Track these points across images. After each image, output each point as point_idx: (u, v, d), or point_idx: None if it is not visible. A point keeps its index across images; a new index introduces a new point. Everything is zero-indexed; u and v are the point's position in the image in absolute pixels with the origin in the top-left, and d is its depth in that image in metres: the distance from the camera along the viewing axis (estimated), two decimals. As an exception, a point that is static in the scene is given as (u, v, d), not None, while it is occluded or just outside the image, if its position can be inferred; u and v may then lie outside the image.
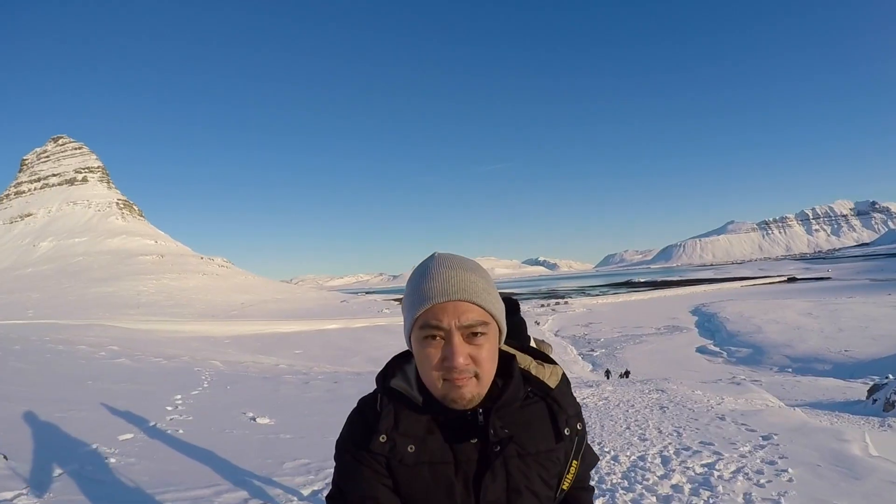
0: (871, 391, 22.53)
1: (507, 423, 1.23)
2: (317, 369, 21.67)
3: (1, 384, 9.32)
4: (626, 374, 31.96)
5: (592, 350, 54.10)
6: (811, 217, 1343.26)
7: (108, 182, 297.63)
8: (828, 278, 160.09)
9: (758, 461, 6.54)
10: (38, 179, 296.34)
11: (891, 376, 26.97)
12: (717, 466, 6.36)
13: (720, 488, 5.53)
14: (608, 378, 28.67)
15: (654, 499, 5.36)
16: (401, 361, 1.32)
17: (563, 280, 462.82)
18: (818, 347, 46.21)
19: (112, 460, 5.73)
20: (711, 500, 5.26)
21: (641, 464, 6.64)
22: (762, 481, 5.71)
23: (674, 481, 5.86)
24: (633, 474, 6.18)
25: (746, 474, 5.99)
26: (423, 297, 1.17)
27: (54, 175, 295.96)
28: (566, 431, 1.30)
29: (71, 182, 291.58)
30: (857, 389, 26.86)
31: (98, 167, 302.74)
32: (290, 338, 50.64)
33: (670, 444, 7.71)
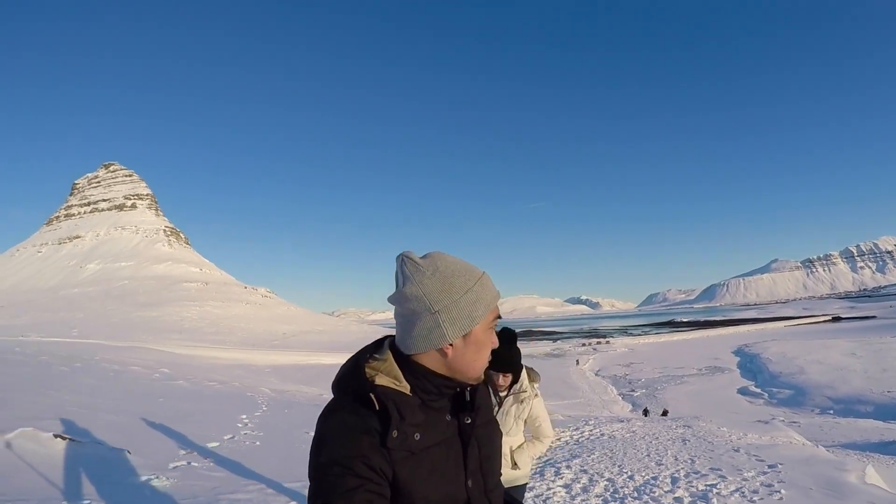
0: None
1: (477, 399, 1.52)
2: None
3: (88, 397, 10.65)
4: (665, 413, 32.21)
5: (633, 390, 53.69)
6: (856, 254, 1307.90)
7: (157, 209, 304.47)
8: (873, 317, 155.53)
9: (757, 484, 7.43)
10: (88, 203, 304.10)
11: None
12: (718, 486, 7.28)
13: (715, 501, 6.50)
14: (646, 416, 29.07)
15: (658, 508, 6.37)
16: (361, 362, 1.42)
17: (605, 319, 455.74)
18: (861, 388, 45.16)
19: (209, 460, 7.10)
20: None
21: (653, 482, 7.62)
22: (755, 499, 6.62)
23: (677, 495, 6.85)
24: (643, 489, 7.20)
25: (743, 493, 6.91)
26: (496, 292, 1.46)
27: (104, 200, 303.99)
28: (499, 396, 1.65)
29: (120, 208, 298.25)
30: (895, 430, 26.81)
31: (147, 194, 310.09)
32: (331, 370, 50.45)
33: (682, 468, 8.62)
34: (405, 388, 1.36)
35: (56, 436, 6.21)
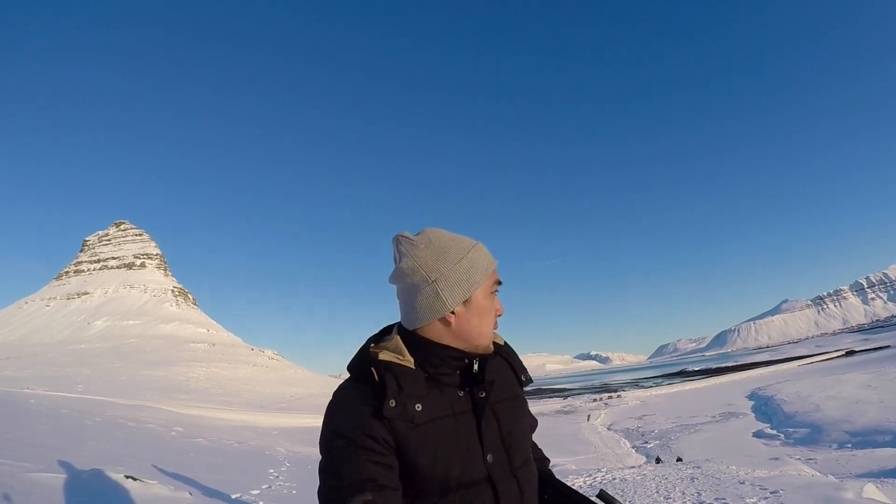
0: None
1: (490, 373, 1.48)
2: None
3: (123, 447, 11.38)
4: (679, 460, 32.21)
5: (646, 442, 53.13)
6: (865, 286, 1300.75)
7: (166, 269, 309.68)
8: (887, 346, 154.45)
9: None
10: (98, 261, 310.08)
11: None
12: None
13: None
14: (657, 463, 29.31)
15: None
16: (375, 343, 1.48)
17: (615, 373, 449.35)
18: (878, 419, 44.46)
19: (261, 502, 7.96)
20: None
21: None
22: None
23: None
24: None
25: None
26: (491, 259, 1.50)
27: (114, 258, 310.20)
28: (523, 378, 1.60)
29: (129, 266, 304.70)
30: (912, 457, 26.84)
31: (157, 254, 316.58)
32: None
33: (689, 500, 9.31)
34: (408, 361, 1.41)
35: (127, 476, 6.91)
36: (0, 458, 6.48)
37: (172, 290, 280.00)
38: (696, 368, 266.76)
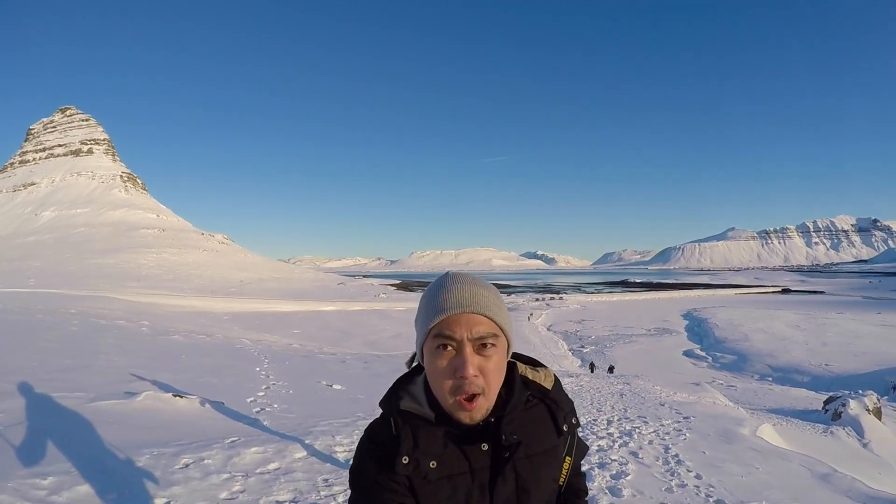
0: (826, 402, 24.12)
1: (515, 428, 1.34)
2: (327, 349, 24.30)
3: (131, 358, 11.91)
4: (611, 369, 33.49)
5: (583, 346, 55.21)
6: (812, 230, 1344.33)
7: (114, 155, 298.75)
8: (821, 292, 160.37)
9: (670, 428, 9.46)
10: (44, 149, 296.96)
11: (845, 391, 28.50)
12: (640, 428, 9.31)
13: (636, 436, 8.55)
14: (592, 371, 31.00)
15: (594, 437, 8.24)
16: (404, 384, 1.41)
17: (559, 275, 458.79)
18: (800, 359, 47.15)
19: (275, 406, 8.84)
20: (629, 441, 8.11)
21: (592, 423, 9.69)
22: (664, 436, 8.69)
23: (609, 431, 8.86)
24: (585, 427, 9.29)
25: (657, 432, 8.96)
26: (439, 308, 1.28)
27: (60, 145, 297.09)
28: (565, 428, 1.43)
29: (76, 153, 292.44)
30: (822, 401, 28.71)
31: (104, 139, 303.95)
32: (288, 318, 51.96)
33: (616, 415, 10.61)
34: (428, 414, 1.34)
35: (175, 395, 7.67)
36: (39, 388, 6.85)
37: (121, 176, 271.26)
38: (638, 281, 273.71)
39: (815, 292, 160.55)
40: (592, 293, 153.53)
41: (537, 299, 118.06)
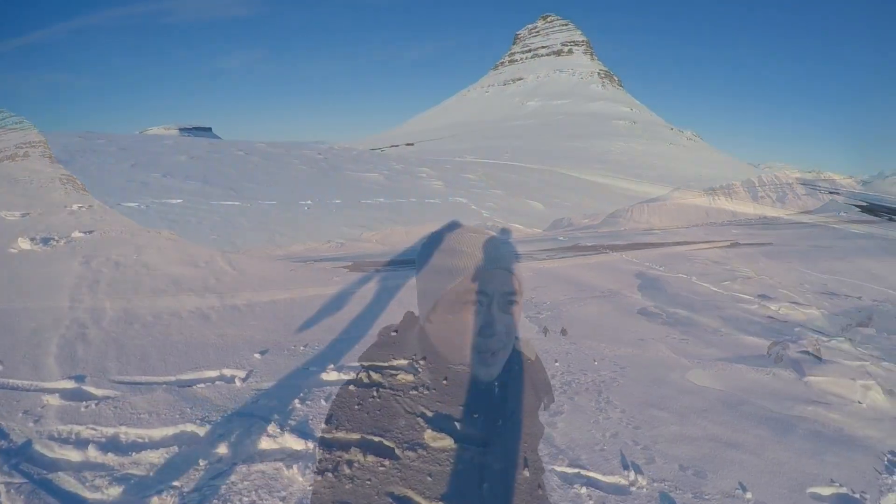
0: (770, 347, 24.46)
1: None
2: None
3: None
4: (563, 332, 33.39)
5: (539, 313, 54.41)
6: (757, 184, 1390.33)
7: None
8: (769, 244, 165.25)
9: (606, 377, 8.46)
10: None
11: (787, 336, 29.01)
12: (579, 378, 8.23)
13: (574, 385, 7.48)
14: (545, 335, 30.42)
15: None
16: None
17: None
18: (752, 310, 48.50)
19: None
20: (567, 389, 7.10)
21: None
22: (600, 384, 7.64)
23: (553, 384, 7.63)
24: None
25: (594, 381, 7.91)
26: (469, 264, 1.17)
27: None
28: None
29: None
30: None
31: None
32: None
33: (560, 371, 9.49)
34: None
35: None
36: None
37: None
38: (590, 244, 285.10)
39: (763, 244, 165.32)
40: (544, 259, 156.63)
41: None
